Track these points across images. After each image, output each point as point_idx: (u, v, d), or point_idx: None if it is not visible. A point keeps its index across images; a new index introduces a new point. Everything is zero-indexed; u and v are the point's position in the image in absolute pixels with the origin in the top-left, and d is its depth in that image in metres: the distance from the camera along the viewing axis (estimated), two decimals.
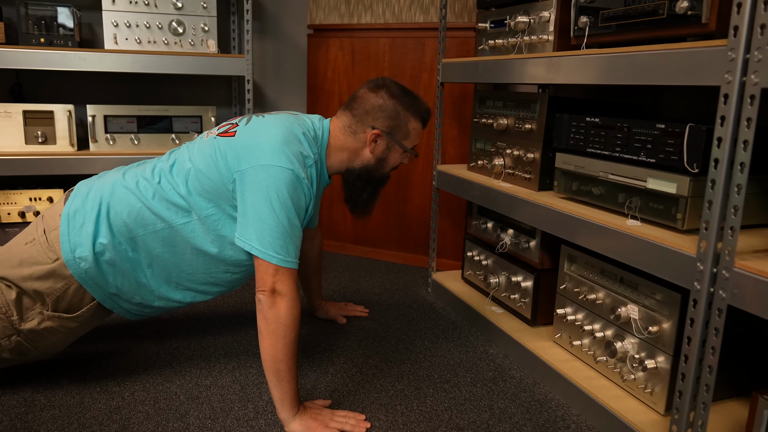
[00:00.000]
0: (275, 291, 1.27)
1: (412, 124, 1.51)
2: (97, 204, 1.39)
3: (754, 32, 0.97)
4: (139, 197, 1.39)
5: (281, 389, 1.29)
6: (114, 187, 1.41)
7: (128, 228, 1.38)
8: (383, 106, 1.46)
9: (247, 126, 1.41)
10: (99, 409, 1.37)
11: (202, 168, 1.38)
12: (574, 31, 1.46)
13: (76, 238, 1.36)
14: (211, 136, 1.45)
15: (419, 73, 2.40)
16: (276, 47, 2.77)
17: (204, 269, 1.45)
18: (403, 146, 1.51)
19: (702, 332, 1.08)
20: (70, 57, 2.07)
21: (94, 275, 1.37)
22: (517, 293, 1.80)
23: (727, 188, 1.03)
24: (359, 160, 1.51)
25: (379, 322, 1.93)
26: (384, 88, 1.48)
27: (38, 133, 2.10)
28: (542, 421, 1.39)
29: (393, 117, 1.47)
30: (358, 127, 1.47)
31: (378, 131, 1.46)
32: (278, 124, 1.39)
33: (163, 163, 1.44)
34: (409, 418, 1.38)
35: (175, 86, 2.65)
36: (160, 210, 1.38)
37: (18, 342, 1.36)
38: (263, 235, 1.28)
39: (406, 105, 1.49)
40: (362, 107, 1.47)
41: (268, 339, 1.27)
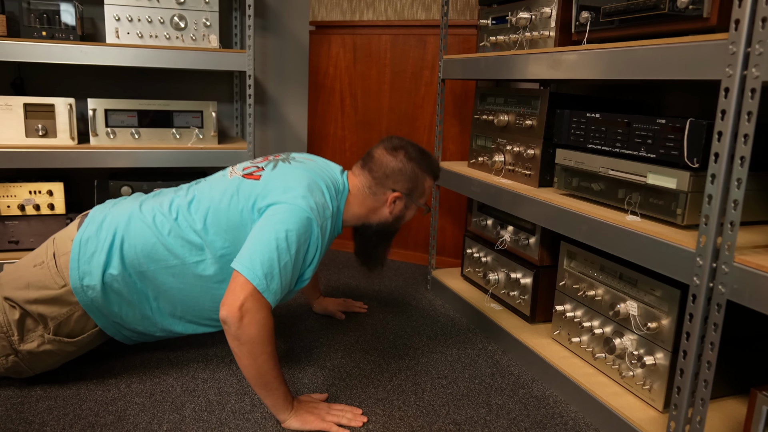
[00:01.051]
0: (243, 307, 1.20)
1: (427, 182, 1.55)
2: (112, 234, 1.38)
3: (755, 26, 0.96)
4: (154, 232, 1.38)
5: (272, 397, 1.27)
6: (130, 218, 1.40)
7: (140, 261, 1.38)
8: (403, 169, 1.49)
9: (273, 171, 1.42)
10: (95, 401, 1.37)
11: (222, 207, 1.38)
12: (576, 26, 1.46)
13: (85, 266, 1.36)
14: (234, 176, 1.45)
15: (420, 70, 2.40)
16: (278, 43, 2.77)
17: (211, 306, 1.44)
18: (419, 203, 1.55)
19: (701, 327, 1.08)
20: (71, 50, 2.06)
21: (100, 304, 1.37)
22: (516, 290, 1.79)
23: (727, 182, 1.02)
24: (376, 217, 1.53)
25: (377, 318, 1.92)
26: (402, 151, 1.50)
27: (39, 126, 2.10)
28: (540, 417, 1.39)
29: (412, 179, 1.50)
30: (378, 189, 1.49)
31: (399, 194, 1.49)
32: (304, 173, 1.41)
33: (181, 198, 1.44)
34: (406, 412, 1.38)
35: (177, 81, 2.65)
36: (174, 247, 1.38)
37: (15, 362, 1.36)
38: (254, 255, 1.25)
39: (423, 167, 1.52)
40: (382, 170, 1.48)
41: (245, 359, 1.22)
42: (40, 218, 2.17)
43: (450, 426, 1.33)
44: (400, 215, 1.54)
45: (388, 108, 2.49)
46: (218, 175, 1.51)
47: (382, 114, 2.51)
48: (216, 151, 2.27)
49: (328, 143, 2.66)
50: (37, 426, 1.26)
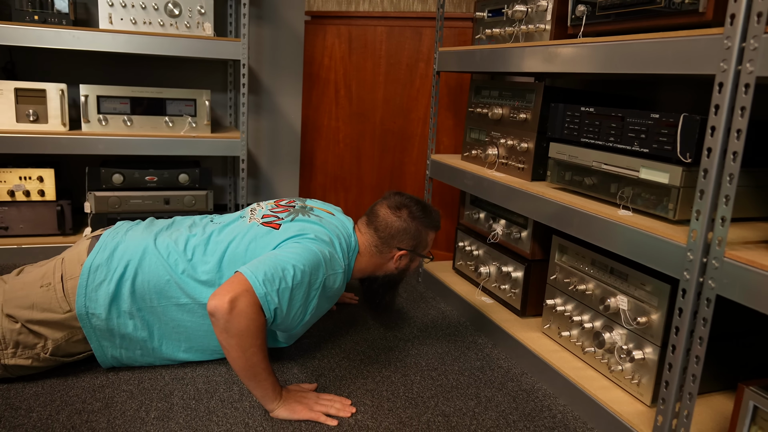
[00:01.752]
0: (233, 301, 1.18)
1: (430, 236, 1.60)
2: (124, 265, 1.37)
3: (750, 21, 0.96)
4: (168, 270, 1.38)
5: (261, 388, 1.27)
6: (145, 252, 1.39)
7: (151, 297, 1.37)
8: (407, 229, 1.54)
9: (292, 224, 1.45)
10: (82, 387, 1.36)
11: (239, 252, 1.39)
12: (571, 20, 1.46)
13: (93, 293, 1.34)
14: (253, 221, 1.47)
15: (416, 62, 2.39)
16: (273, 33, 2.75)
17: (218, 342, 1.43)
18: (423, 255, 1.60)
19: (690, 322, 1.08)
20: (64, 35, 2.05)
21: (102, 332, 1.36)
22: (507, 284, 1.79)
23: (719, 177, 1.02)
24: (382, 271, 1.59)
25: (368, 309, 1.92)
26: (405, 210, 1.54)
27: (30, 112, 2.08)
28: (528, 410, 1.39)
29: (416, 237, 1.56)
30: (384, 248, 1.54)
31: (404, 251, 1.55)
32: (322, 228, 1.44)
33: (197, 238, 1.43)
34: (395, 403, 1.38)
35: (170, 69, 2.63)
36: (187, 286, 1.38)
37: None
38: (260, 265, 1.26)
39: (425, 224, 1.57)
40: (387, 231, 1.53)
41: (233, 352, 1.21)
42: (30, 204, 2.15)
43: (438, 418, 1.33)
44: (405, 268, 1.60)
45: (383, 100, 2.48)
46: (236, 217, 1.53)
47: (376, 106, 2.51)
48: (209, 139, 2.25)
49: (322, 134, 2.65)
50: (23, 412, 1.25)
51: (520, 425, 1.32)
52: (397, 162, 2.50)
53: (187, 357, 1.47)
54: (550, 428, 1.32)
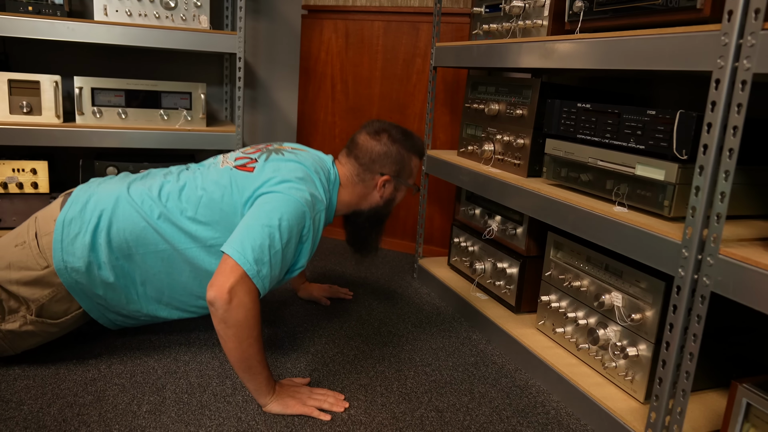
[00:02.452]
0: (232, 291, 1.18)
1: (414, 162, 1.56)
2: (97, 216, 1.35)
3: (748, 17, 0.96)
4: (144, 216, 1.36)
5: (255, 381, 1.26)
6: (118, 201, 1.37)
7: (128, 245, 1.35)
8: (388, 152, 1.50)
9: (266, 163, 1.41)
10: (74, 380, 1.35)
11: (215, 198, 1.37)
12: (569, 16, 1.45)
13: (69, 247, 1.33)
14: (226, 165, 1.44)
15: (413, 57, 2.38)
16: (269, 27, 2.74)
17: (198, 292, 1.43)
18: (408, 184, 1.57)
19: (684, 319, 1.08)
20: (58, 26, 2.03)
21: (84, 285, 1.35)
22: (502, 280, 1.79)
23: (715, 174, 1.02)
24: (367, 203, 1.54)
25: (362, 305, 1.92)
26: (385, 134, 1.51)
27: (23, 103, 2.06)
28: (522, 406, 1.39)
29: (398, 161, 1.52)
30: (366, 175, 1.51)
31: (387, 177, 1.51)
32: (298, 165, 1.40)
33: (171, 185, 1.41)
34: (388, 399, 1.37)
35: (166, 62, 2.61)
36: (164, 231, 1.36)
37: None
38: (245, 240, 1.23)
39: (407, 147, 1.53)
40: (368, 156, 1.50)
41: (230, 343, 1.20)
42: (23, 197, 2.14)
43: (432, 413, 1.33)
44: (390, 198, 1.55)
45: (379, 95, 2.48)
46: (209, 164, 1.48)
47: (372, 101, 2.50)
48: (204, 133, 2.24)
49: (318, 129, 2.64)
50: (14, 405, 1.25)
51: (514, 421, 1.32)
52: None
53: (169, 314, 1.46)
54: (543, 424, 1.32)
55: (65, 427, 1.18)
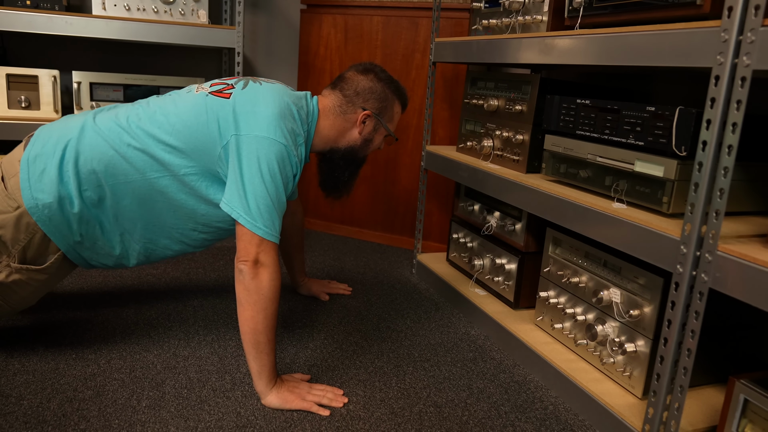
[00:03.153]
0: (258, 262, 1.25)
1: (396, 107, 1.56)
2: (62, 148, 1.32)
3: (748, 13, 0.96)
4: (112, 145, 1.32)
5: (260, 361, 1.28)
6: (83, 131, 1.34)
7: (97, 176, 1.32)
8: (373, 88, 1.50)
9: (243, 91, 1.37)
10: (74, 376, 1.36)
11: (190, 124, 1.33)
12: (569, 11, 1.45)
13: (37, 184, 1.30)
14: (201, 92, 1.39)
15: (412, 53, 2.38)
16: (268, 21, 2.73)
17: (172, 224, 1.41)
18: (388, 129, 1.56)
19: (683, 315, 1.08)
20: (56, 21, 2.02)
21: (58, 222, 1.32)
22: (500, 276, 1.79)
23: (714, 171, 1.02)
24: (345, 140, 1.52)
25: (361, 300, 1.92)
26: (372, 72, 1.51)
27: (22, 98, 2.06)
28: (520, 401, 1.39)
29: (382, 99, 1.51)
30: (349, 107, 1.49)
31: (368, 112, 1.49)
32: (276, 96, 1.37)
33: (141, 110, 1.38)
34: (387, 394, 1.38)
35: (164, 56, 2.61)
36: (134, 160, 1.33)
37: None
38: (251, 205, 1.27)
39: (392, 89, 1.53)
40: (353, 88, 1.49)
41: (249, 311, 1.26)
42: None
43: (430, 408, 1.33)
44: (368, 138, 1.54)
45: None
46: (183, 91, 1.44)
47: None
48: None
49: None
50: (13, 399, 1.25)
51: (512, 416, 1.33)
52: (391, 153, 2.49)
53: (141, 248, 1.44)
54: (541, 420, 1.32)
55: (65, 422, 1.19)
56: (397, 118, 1.58)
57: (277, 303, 1.29)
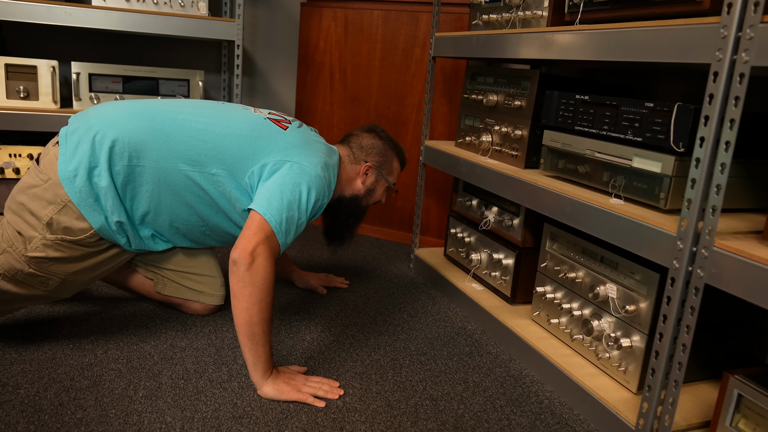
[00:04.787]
0: (254, 253, 1.26)
1: (395, 163, 1.72)
2: (99, 125, 1.37)
3: (747, 10, 0.96)
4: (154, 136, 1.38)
5: (255, 353, 1.28)
6: (125, 115, 1.40)
7: (129, 155, 1.36)
8: (375, 144, 1.67)
9: (299, 129, 1.53)
10: (71, 365, 1.36)
11: (240, 134, 1.42)
12: (569, 7, 1.45)
13: (71, 157, 1.34)
14: (260, 113, 1.53)
15: (412, 47, 2.38)
16: (268, 14, 2.72)
17: (186, 216, 1.46)
18: (388, 180, 1.70)
19: (678, 310, 1.09)
20: (55, 11, 2.02)
21: (86, 196, 1.34)
22: (498, 271, 1.80)
23: (711, 167, 1.03)
24: (350, 190, 1.64)
25: (358, 294, 1.92)
26: (374, 132, 1.70)
27: (20, 88, 2.05)
28: (516, 395, 1.40)
29: (382, 154, 1.68)
30: (354, 159, 1.64)
31: (370, 164, 1.64)
32: (322, 145, 1.53)
33: (193, 115, 1.43)
34: (383, 387, 1.38)
35: (164, 48, 2.60)
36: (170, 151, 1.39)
37: (31, 275, 1.34)
38: (275, 202, 1.32)
39: (391, 147, 1.71)
40: (358, 143, 1.66)
41: (243, 302, 1.26)
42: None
43: (426, 401, 1.34)
44: (371, 188, 1.67)
45: (378, 85, 2.47)
46: (238, 106, 1.55)
47: (371, 90, 2.49)
48: None
49: (316, 118, 2.63)
50: (10, 389, 1.25)
51: (507, 410, 1.33)
52: None
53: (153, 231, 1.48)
54: (536, 413, 1.33)
55: (61, 411, 1.19)
56: (396, 173, 1.73)
57: (272, 294, 1.29)
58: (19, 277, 1.34)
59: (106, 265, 1.46)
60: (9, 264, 1.33)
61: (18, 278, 1.34)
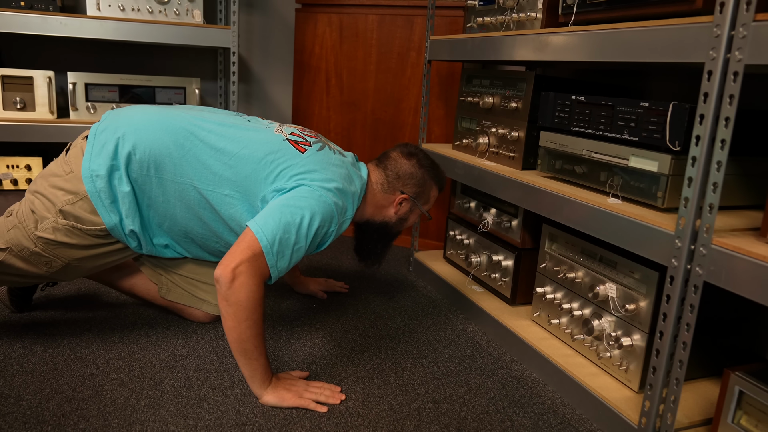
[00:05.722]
0: (236, 271, 1.21)
1: (433, 192, 1.62)
2: (126, 128, 1.39)
3: (739, 9, 0.97)
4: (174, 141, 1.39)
5: (250, 367, 1.27)
6: (152, 121, 1.41)
7: (148, 165, 1.38)
8: (414, 174, 1.56)
9: (318, 153, 1.44)
10: (72, 376, 1.36)
11: (256, 157, 1.39)
12: (563, 8, 1.46)
13: (96, 157, 1.37)
14: (280, 134, 1.47)
15: (407, 51, 2.38)
16: (263, 21, 2.73)
17: (191, 228, 1.46)
18: (423, 210, 1.61)
19: (678, 309, 1.09)
20: (50, 21, 2.02)
21: (105, 196, 1.36)
22: (497, 272, 1.80)
23: (707, 165, 1.03)
24: (381, 216, 1.58)
25: (359, 298, 1.92)
26: (416, 158, 1.58)
27: (17, 99, 2.06)
28: (518, 396, 1.40)
29: (420, 185, 1.57)
30: (389, 188, 1.55)
31: (406, 196, 1.56)
32: (344, 170, 1.44)
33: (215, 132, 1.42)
34: (385, 390, 1.38)
35: (159, 56, 2.60)
36: (186, 166, 1.39)
37: (36, 253, 1.37)
38: (271, 221, 1.27)
39: (432, 176, 1.59)
40: (395, 170, 1.55)
41: (229, 321, 1.23)
42: (17, 193, 2.13)
43: (429, 404, 1.34)
44: (403, 217, 1.60)
45: (374, 89, 2.48)
46: (262, 123, 1.51)
47: (367, 95, 2.50)
48: None
49: (313, 123, 2.64)
50: (12, 400, 1.25)
51: (510, 412, 1.33)
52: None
53: (162, 240, 1.49)
54: (539, 414, 1.33)
55: (64, 422, 1.19)
56: (433, 200, 1.64)
57: (261, 311, 1.25)
58: (25, 253, 1.37)
59: (112, 257, 1.47)
60: (17, 239, 1.36)
61: (23, 255, 1.37)
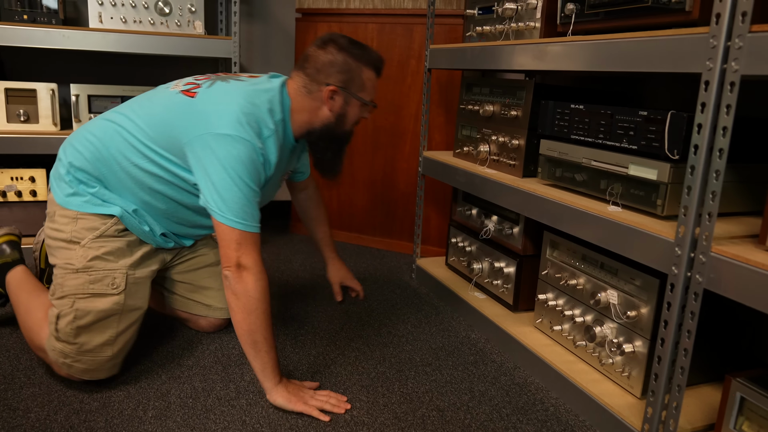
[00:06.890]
0: (240, 265, 1.28)
1: (365, 74, 1.47)
2: (63, 147, 1.46)
3: (735, 20, 0.98)
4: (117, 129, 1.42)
5: (260, 359, 1.30)
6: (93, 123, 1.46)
7: (85, 171, 1.41)
8: (333, 61, 1.42)
9: (208, 90, 1.38)
10: (80, 387, 1.37)
11: (166, 119, 1.37)
12: (561, 18, 1.47)
13: (60, 182, 1.43)
14: (175, 89, 1.42)
15: (407, 59, 2.40)
16: (264, 30, 2.75)
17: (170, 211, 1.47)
18: (361, 99, 1.48)
19: (678, 316, 1.10)
20: (53, 34, 2.04)
21: (92, 204, 1.40)
22: (499, 279, 1.81)
23: (705, 174, 1.04)
24: (319, 120, 1.46)
25: (362, 306, 1.94)
26: (331, 43, 1.43)
27: (20, 112, 2.08)
28: (521, 403, 1.41)
29: (345, 70, 1.43)
30: (313, 86, 1.43)
31: (333, 87, 1.42)
32: (240, 92, 1.36)
33: (125, 113, 1.43)
34: (390, 399, 1.39)
35: (161, 67, 2.62)
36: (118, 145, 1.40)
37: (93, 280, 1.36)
38: (224, 202, 1.28)
39: (356, 56, 1.44)
40: (313, 65, 1.42)
41: (239, 314, 1.28)
42: (22, 205, 2.15)
43: (433, 412, 1.35)
44: (341, 112, 1.46)
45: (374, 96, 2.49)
46: (162, 87, 1.49)
47: None
48: None
49: None
50: (21, 412, 1.26)
51: (514, 419, 1.34)
52: (389, 159, 2.51)
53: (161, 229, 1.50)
54: (542, 421, 1.34)
55: None
56: (370, 84, 1.49)
57: (268, 302, 1.30)
58: (89, 290, 1.36)
59: (149, 259, 1.48)
60: (73, 288, 1.35)
61: (90, 291, 1.36)
